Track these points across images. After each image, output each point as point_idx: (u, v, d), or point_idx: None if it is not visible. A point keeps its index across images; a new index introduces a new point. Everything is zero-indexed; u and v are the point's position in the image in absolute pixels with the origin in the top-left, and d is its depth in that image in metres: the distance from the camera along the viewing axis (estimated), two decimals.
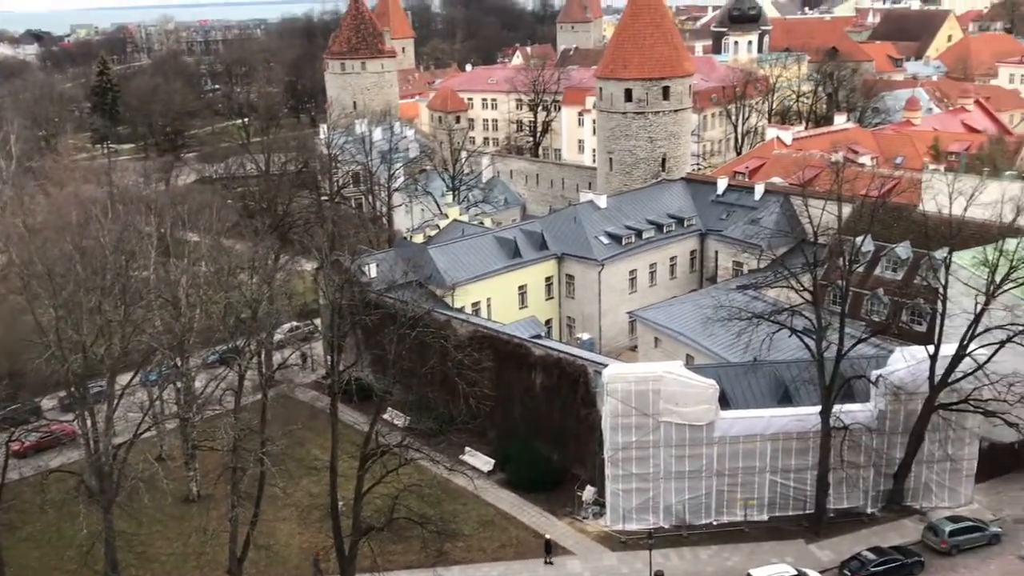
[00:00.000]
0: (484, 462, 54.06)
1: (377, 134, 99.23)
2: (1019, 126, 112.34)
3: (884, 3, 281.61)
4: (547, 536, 45.90)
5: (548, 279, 69.07)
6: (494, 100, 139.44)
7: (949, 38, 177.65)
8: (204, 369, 54.89)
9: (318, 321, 67.21)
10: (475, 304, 63.46)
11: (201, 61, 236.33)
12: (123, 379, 44.51)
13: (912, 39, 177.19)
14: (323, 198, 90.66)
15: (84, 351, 40.99)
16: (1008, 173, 66.80)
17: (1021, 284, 42.77)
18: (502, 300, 65.47)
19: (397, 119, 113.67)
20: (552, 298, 69.55)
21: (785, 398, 46.26)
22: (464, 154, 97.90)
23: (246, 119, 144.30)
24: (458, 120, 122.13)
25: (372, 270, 61.67)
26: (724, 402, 45.57)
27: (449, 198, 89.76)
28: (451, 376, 50.19)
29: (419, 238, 74.94)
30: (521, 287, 67.32)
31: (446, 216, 79.10)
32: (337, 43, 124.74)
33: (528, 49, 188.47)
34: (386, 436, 42.53)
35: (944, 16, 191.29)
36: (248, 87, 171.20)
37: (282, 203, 75.10)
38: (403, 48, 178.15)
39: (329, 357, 52.71)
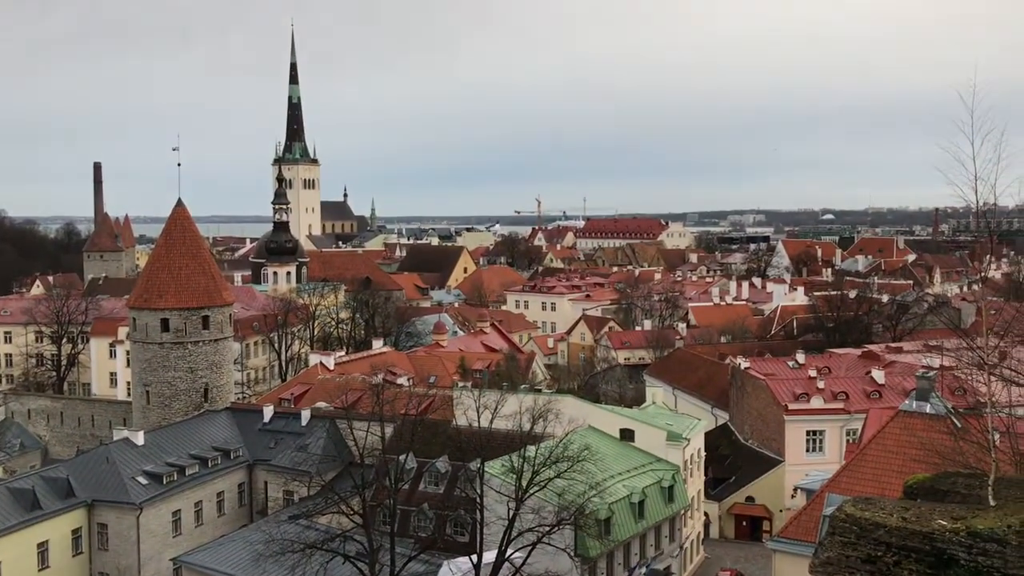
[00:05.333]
0: None
1: None
2: (527, 344, 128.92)
3: (408, 239, 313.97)
4: None
5: (76, 531, 60.86)
6: (8, 333, 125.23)
7: (465, 270, 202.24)
8: None
9: None
10: None
11: None
12: None
13: (435, 270, 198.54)
14: None
15: None
16: (523, 386, 75.79)
17: (544, 486, 47.41)
18: (17, 562, 55.92)
19: None
20: (81, 553, 61.10)
21: None
22: None
23: None
24: None
25: None
26: None
27: None
28: None
29: None
30: (41, 544, 58.29)
31: None
32: None
33: (50, 278, 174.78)
34: None
35: (459, 251, 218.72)
36: None
37: None
38: None
39: None
